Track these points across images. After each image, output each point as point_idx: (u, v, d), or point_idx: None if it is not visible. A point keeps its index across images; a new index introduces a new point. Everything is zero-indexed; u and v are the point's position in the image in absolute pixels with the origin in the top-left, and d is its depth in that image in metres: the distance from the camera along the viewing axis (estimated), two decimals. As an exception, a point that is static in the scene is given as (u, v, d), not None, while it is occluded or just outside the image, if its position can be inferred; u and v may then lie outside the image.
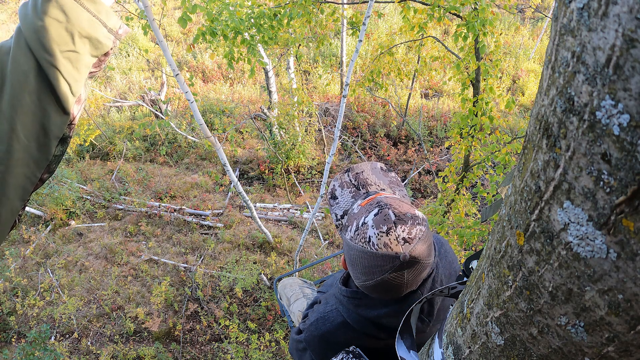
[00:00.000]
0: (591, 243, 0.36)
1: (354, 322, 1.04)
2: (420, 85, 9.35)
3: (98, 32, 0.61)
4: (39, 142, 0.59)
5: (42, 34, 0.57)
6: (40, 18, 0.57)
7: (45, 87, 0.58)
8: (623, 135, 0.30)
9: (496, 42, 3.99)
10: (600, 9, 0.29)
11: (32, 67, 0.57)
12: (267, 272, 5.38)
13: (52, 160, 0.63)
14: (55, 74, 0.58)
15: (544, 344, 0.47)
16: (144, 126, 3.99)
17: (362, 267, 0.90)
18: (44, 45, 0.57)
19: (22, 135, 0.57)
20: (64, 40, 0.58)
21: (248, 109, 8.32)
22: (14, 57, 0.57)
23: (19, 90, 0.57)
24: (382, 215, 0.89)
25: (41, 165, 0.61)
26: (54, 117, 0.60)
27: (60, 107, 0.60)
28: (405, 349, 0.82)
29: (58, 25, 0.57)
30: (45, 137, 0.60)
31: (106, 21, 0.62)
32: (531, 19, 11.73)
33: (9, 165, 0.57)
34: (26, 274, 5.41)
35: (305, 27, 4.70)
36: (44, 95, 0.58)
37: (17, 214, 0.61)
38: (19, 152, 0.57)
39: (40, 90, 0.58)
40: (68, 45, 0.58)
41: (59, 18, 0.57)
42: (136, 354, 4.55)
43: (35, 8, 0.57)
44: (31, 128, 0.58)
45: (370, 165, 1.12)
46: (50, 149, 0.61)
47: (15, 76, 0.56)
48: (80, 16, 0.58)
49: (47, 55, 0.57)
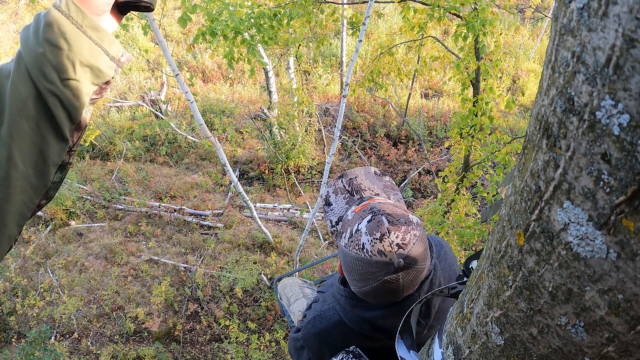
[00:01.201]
0: (591, 243, 0.36)
1: (351, 322, 1.04)
2: (420, 85, 9.35)
3: (100, 60, 0.60)
4: (38, 169, 0.58)
5: (42, 61, 0.56)
6: (41, 45, 0.56)
7: (45, 115, 0.57)
8: (623, 135, 0.30)
9: (496, 42, 3.99)
10: (600, 9, 0.29)
11: (31, 94, 0.56)
12: (267, 272, 5.38)
13: (51, 187, 0.62)
14: (54, 101, 0.57)
15: (544, 344, 0.47)
16: (144, 126, 3.99)
17: (357, 273, 0.90)
18: (44, 72, 0.56)
19: (20, 163, 0.56)
20: (64, 68, 0.57)
21: (248, 109, 8.32)
22: (13, 83, 0.56)
23: (18, 117, 0.55)
24: (375, 221, 0.89)
25: (39, 192, 0.60)
26: (52, 144, 0.59)
27: (59, 134, 0.59)
28: (405, 349, 0.82)
29: (59, 53, 0.56)
30: (43, 164, 0.59)
31: (108, 49, 0.61)
32: (531, 19, 11.73)
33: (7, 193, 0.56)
34: (26, 274, 5.41)
35: (305, 27, 4.70)
36: (42, 123, 0.57)
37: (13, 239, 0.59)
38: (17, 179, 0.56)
39: (40, 117, 0.57)
40: (69, 74, 0.57)
41: (60, 45, 0.56)
42: (136, 354, 4.55)
43: (37, 34, 0.57)
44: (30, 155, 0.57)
45: (364, 170, 1.12)
46: (48, 176, 0.60)
47: (14, 102, 0.56)
48: (82, 44, 0.57)
49: (47, 83, 0.56)
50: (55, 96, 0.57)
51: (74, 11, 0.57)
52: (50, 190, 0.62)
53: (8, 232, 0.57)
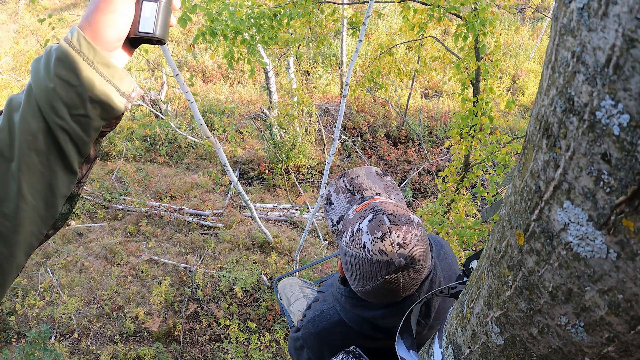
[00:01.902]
0: (591, 243, 0.36)
1: (351, 322, 1.04)
2: (420, 85, 9.35)
3: (110, 97, 0.60)
4: (46, 201, 0.58)
5: (53, 97, 0.56)
6: (52, 80, 0.56)
7: (54, 149, 0.57)
8: (623, 135, 0.30)
9: (496, 42, 3.99)
10: (600, 9, 0.29)
11: (41, 128, 0.56)
12: (267, 272, 5.38)
13: (59, 218, 0.62)
14: (64, 136, 0.57)
15: (544, 344, 0.47)
16: (144, 126, 3.99)
17: (358, 273, 0.90)
18: (54, 108, 0.56)
19: (29, 195, 0.56)
20: (74, 103, 0.57)
21: (248, 109, 8.32)
22: (23, 116, 0.56)
23: (28, 151, 0.56)
24: (376, 221, 0.89)
25: (48, 223, 0.60)
26: (61, 177, 0.59)
27: (68, 167, 0.59)
28: (405, 349, 0.82)
29: (70, 89, 0.56)
30: (52, 196, 0.59)
31: (119, 85, 0.61)
32: (531, 19, 11.73)
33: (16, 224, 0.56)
34: (26, 274, 5.41)
35: (305, 27, 4.70)
36: (52, 157, 0.57)
37: (21, 268, 0.60)
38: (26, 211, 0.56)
39: (49, 151, 0.57)
40: (78, 110, 0.57)
41: (71, 81, 0.56)
42: (136, 354, 4.55)
43: (48, 67, 0.56)
44: (39, 188, 0.57)
45: (366, 169, 1.12)
46: (57, 208, 0.60)
47: (24, 136, 0.56)
48: (93, 81, 0.58)
49: (57, 118, 0.56)
50: (64, 131, 0.57)
51: (85, 47, 0.57)
52: (58, 220, 0.62)
53: (17, 262, 0.58)
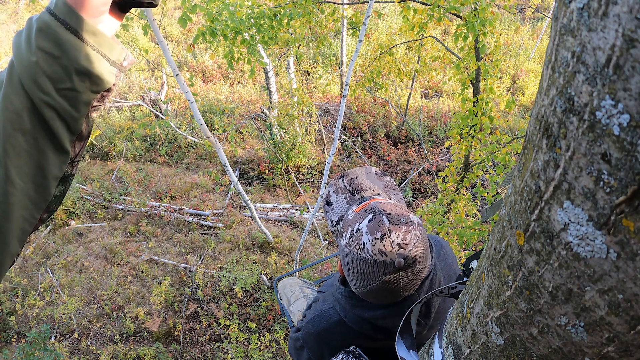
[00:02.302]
0: (591, 243, 0.36)
1: (351, 322, 1.04)
2: (420, 85, 9.35)
3: (99, 67, 0.55)
4: (37, 183, 0.55)
5: (35, 71, 0.51)
6: (34, 53, 0.51)
7: (41, 127, 0.53)
8: (623, 135, 0.30)
9: (496, 42, 3.99)
10: (600, 9, 0.29)
11: (25, 106, 0.52)
12: (267, 272, 5.38)
13: (52, 201, 0.59)
14: (51, 113, 0.53)
15: (544, 344, 0.47)
16: (144, 126, 3.99)
17: (357, 273, 0.90)
18: (38, 83, 0.51)
19: (17, 179, 0.53)
20: (60, 77, 0.52)
21: (248, 109, 8.32)
22: (5, 95, 0.52)
23: (12, 131, 0.52)
24: (376, 221, 0.89)
25: (40, 207, 0.57)
26: (52, 157, 0.55)
27: (59, 146, 0.55)
28: (405, 349, 0.82)
29: (53, 61, 0.52)
30: (43, 178, 0.55)
31: (109, 54, 0.56)
32: (531, 19, 11.73)
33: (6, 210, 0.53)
34: (26, 274, 5.41)
35: (305, 27, 4.70)
36: (39, 136, 0.53)
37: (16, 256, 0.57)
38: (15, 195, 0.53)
39: (36, 130, 0.53)
40: (65, 83, 0.53)
41: (54, 53, 0.52)
42: (136, 354, 4.55)
43: (29, 40, 0.52)
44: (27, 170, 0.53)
45: (365, 170, 1.12)
46: (49, 190, 0.57)
47: (8, 116, 0.52)
48: (79, 51, 0.53)
49: (41, 94, 0.52)
50: (51, 108, 0.53)
51: (68, 14, 0.52)
52: (52, 203, 0.59)
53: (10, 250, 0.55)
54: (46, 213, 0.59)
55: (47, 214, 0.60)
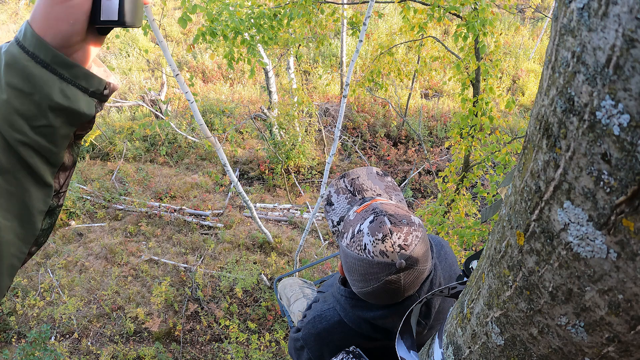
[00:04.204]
0: (591, 243, 0.36)
1: (351, 322, 1.04)
2: (420, 86, 9.35)
3: (75, 101, 0.51)
4: (22, 220, 0.52)
5: (7, 110, 0.48)
6: (4, 90, 0.48)
7: (20, 165, 0.50)
8: (623, 136, 0.30)
9: (496, 42, 3.99)
10: (600, 9, 0.29)
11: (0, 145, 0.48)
12: (267, 272, 5.38)
13: (40, 234, 0.56)
14: (28, 152, 0.50)
15: (544, 344, 0.47)
16: (144, 126, 3.99)
17: (358, 274, 0.90)
18: (10, 122, 0.48)
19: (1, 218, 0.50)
20: (33, 114, 0.49)
21: (248, 109, 8.32)
22: None
23: None
24: (377, 222, 0.89)
25: (28, 242, 0.55)
26: (34, 193, 0.52)
27: (40, 181, 0.52)
28: (405, 349, 0.82)
29: (24, 98, 0.48)
30: (28, 214, 0.53)
31: (87, 85, 0.52)
32: (531, 19, 11.73)
33: None
34: (26, 274, 5.41)
35: (305, 27, 4.70)
36: (19, 174, 0.50)
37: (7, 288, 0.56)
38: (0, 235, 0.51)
39: (15, 169, 0.50)
40: (39, 120, 0.49)
41: (25, 89, 0.48)
42: (136, 354, 4.55)
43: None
44: (11, 208, 0.51)
45: (366, 170, 1.12)
46: (36, 225, 0.54)
47: None
48: (52, 86, 0.49)
49: (15, 133, 0.48)
50: (27, 146, 0.49)
51: (37, 47, 0.48)
52: (40, 237, 0.57)
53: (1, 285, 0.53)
54: (34, 247, 0.57)
55: (35, 247, 0.58)
